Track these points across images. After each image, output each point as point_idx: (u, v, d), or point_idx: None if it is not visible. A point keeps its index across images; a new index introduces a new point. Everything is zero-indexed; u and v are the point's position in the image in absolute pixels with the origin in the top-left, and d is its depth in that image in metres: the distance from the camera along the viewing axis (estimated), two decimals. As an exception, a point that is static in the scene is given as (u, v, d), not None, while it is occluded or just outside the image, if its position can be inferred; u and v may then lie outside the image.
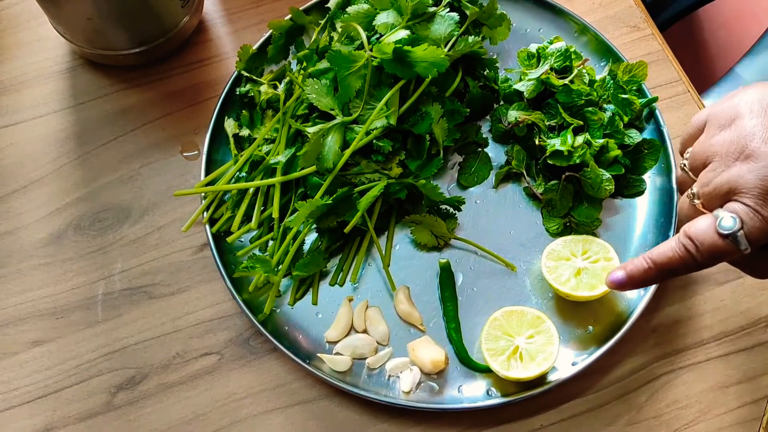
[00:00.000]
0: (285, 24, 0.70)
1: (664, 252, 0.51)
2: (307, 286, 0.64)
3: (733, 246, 0.48)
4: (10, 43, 0.75)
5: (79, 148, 0.70)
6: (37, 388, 0.62)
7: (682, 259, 0.50)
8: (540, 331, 0.59)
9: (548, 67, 0.66)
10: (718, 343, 0.63)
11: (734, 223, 0.47)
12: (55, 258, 0.66)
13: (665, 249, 0.51)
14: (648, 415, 0.60)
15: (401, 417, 0.60)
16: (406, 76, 0.61)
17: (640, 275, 0.52)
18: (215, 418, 0.61)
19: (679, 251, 0.50)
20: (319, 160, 0.61)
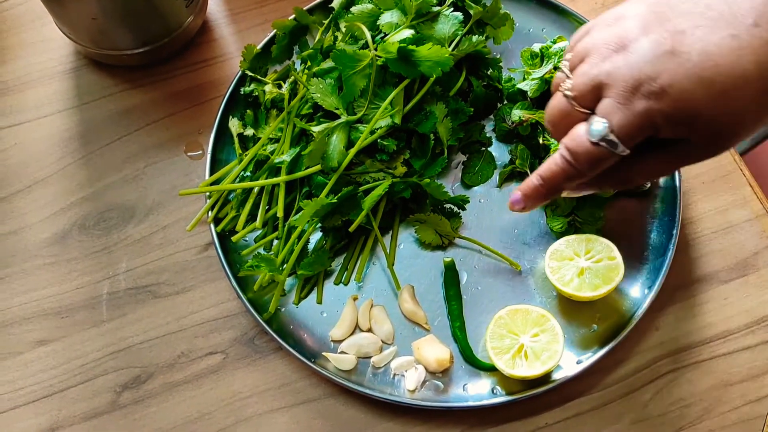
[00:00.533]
0: (289, 24, 0.70)
1: (548, 166, 0.50)
2: (312, 285, 0.64)
3: (608, 149, 0.47)
4: (14, 43, 0.75)
5: (83, 148, 0.71)
6: (42, 387, 0.62)
7: (564, 171, 0.49)
8: (545, 330, 0.59)
9: (552, 66, 0.66)
10: (722, 341, 0.63)
11: (603, 127, 0.46)
12: (60, 258, 0.66)
13: (549, 163, 0.50)
14: (652, 413, 0.61)
15: (406, 415, 0.60)
16: (411, 75, 0.61)
17: (533, 191, 0.52)
18: (220, 417, 0.61)
19: (560, 163, 0.49)
20: (324, 159, 0.61)
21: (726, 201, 0.68)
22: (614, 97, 0.46)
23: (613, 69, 0.46)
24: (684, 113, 0.45)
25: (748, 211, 0.67)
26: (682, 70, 0.44)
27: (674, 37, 0.45)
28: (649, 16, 0.46)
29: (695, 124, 0.45)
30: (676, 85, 0.44)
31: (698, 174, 0.69)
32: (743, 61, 0.44)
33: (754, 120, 0.46)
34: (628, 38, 0.46)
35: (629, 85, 0.45)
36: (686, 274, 0.65)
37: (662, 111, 0.45)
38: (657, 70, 0.45)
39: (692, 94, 0.44)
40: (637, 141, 0.47)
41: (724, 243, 0.66)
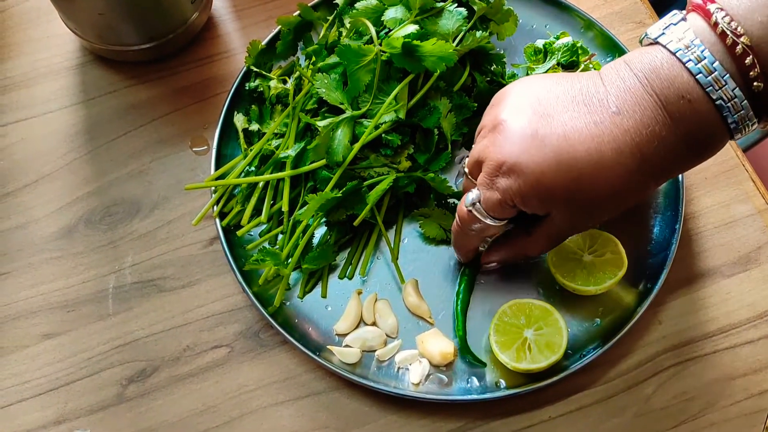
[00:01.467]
0: (293, 20, 0.70)
1: (453, 226, 0.58)
2: (317, 279, 0.65)
3: (478, 217, 0.52)
4: (20, 39, 0.76)
5: (89, 143, 0.71)
6: (49, 380, 0.62)
7: (456, 232, 0.58)
8: (548, 324, 0.60)
9: (555, 62, 0.67)
10: (724, 335, 0.63)
11: (473, 197, 0.52)
12: (66, 252, 0.67)
13: (453, 225, 0.58)
14: (655, 406, 0.61)
15: (410, 408, 0.61)
16: (415, 70, 0.61)
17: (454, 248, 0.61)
18: (225, 409, 0.61)
19: (454, 225, 0.58)
20: (329, 153, 0.61)
21: (728, 196, 0.68)
22: (484, 172, 0.51)
23: (485, 147, 0.51)
24: (540, 194, 0.49)
25: (750, 206, 0.67)
26: (539, 153, 0.48)
27: (540, 121, 0.49)
28: (526, 99, 0.50)
29: (553, 203, 0.49)
30: (533, 167, 0.48)
31: (701, 169, 0.69)
32: (602, 148, 0.47)
33: (617, 201, 0.50)
34: (500, 119, 0.50)
35: (494, 164, 0.50)
36: (689, 268, 0.65)
37: (520, 190, 0.49)
38: (517, 151, 0.48)
39: (548, 176, 0.48)
40: (506, 214, 0.52)
41: (727, 238, 0.67)
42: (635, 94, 0.47)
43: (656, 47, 0.47)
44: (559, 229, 0.53)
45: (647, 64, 0.47)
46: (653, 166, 0.48)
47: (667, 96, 0.46)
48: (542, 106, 0.49)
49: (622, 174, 0.47)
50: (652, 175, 0.49)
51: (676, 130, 0.47)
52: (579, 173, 0.47)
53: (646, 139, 0.47)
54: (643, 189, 0.50)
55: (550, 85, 0.50)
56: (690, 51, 0.45)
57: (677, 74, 0.46)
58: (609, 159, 0.47)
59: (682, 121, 0.46)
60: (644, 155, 0.47)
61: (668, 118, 0.46)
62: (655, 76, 0.46)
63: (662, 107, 0.46)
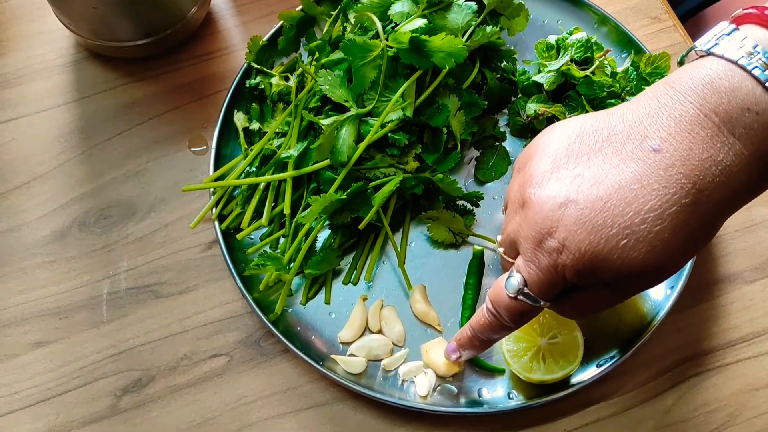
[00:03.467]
0: (296, 15, 0.68)
1: (478, 319, 0.51)
2: (320, 285, 0.62)
3: (526, 303, 0.46)
4: (12, 35, 0.73)
5: (83, 143, 0.68)
6: (40, 391, 0.60)
7: (491, 324, 0.50)
8: (563, 332, 0.57)
9: (569, 59, 0.64)
10: (747, 344, 0.60)
11: (517, 283, 0.46)
12: (59, 256, 0.64)
13: (479, 315, 0.51)
14: (676, 419, 0.58)
15: (418, 421, 0.58)
16: (423, 66, 0.58)
17: (467, 342, 0.53)
18: (224, 422, 0.58)
19: (486, 315, 0.50)
20: (333, 153, 0.59)
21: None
22: (523, 254, 0.45)
23: (518, 227, 0.46)
24: (587, 264, 0.42)
25: (773, 208, 0.65)
26: (572, 220, 0.42)
27: (570, 182, 0.43)
28: (552, 156, 0.44)
29: (602, 271, 0.43)
30: (572, 237, 0.42)
31: (721, 170, 0.66)
32: (645, 199, 0.41)
33: (679, 251, 0.42)
34: (527, 193, 0.45)
35: (532, 243, 0.44)
36: (709, 274, 0.63)
37: (566, 265, 0.43)
38: (552, 225, 0.43)
39: (587, 242, 0.42)
40: (555, 292, 0.45)
41: (748, 242, 0.64)
42: (683, 118, 0.40)
43: (709, 59, 0.41)
44: (617, 295, 0.46)
45: (699, 80, 0.41)
46: (714, 202, 0.41)
47: (728, 111, 0.40)
48: (570, 163, 0.43)
49: (676, 224, 0.40)
50: (715, 214, 0.41)
51: (743, 150, 0.40)
52: (623, 235, 0.41)
53: (701, 171, 0.40)
54: (708, 230, 0.42)
55: (577, 132, 0.44)
56: (754, 58, 0.40)
57: (739, 85, 0.40)
58: (656, 211, 0.40)
59: (751, 139, 0.40)
60: (701, 191, 0.40)
61: (731, 136, 0.40)
62: (710, 90, 0.40)
63: (722, 126, 0.40)
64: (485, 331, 0.51)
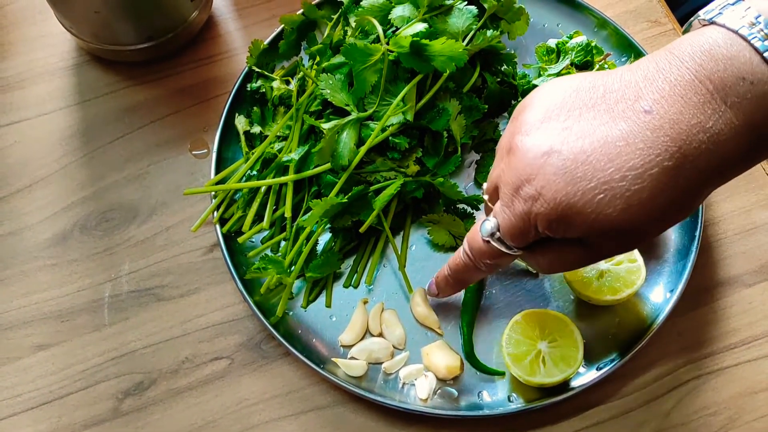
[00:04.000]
0: (297, 19, 0.68)
1: (454, 259, 0.53)
2: (321, 288, 0.62)
3: (498, 248, 0.47)
4: (14, 39, 0.73)
5: (85, 146, 0.69)
6: (42, 393, 0.60)
7: (466, 265, 0.52)
8: (563, 335, 0.57)
9: (569, 62, 0.64)
10: (746, 347, 0.61)
11: (491, 227, 0.47)
12: (61, 259, 0.64)
13: (455, 256, 0.53)
14: (675, 422, 0.58)
15: (419, 423, 0.58)
16: (424, 70, 0.59)
17: (442, 281, 0.56)
18: (226, 424, 0.59)
19: (463, 258, 0.52)
20: (334, 157, 0.59)
21: (749, 201, 0.66)
22: (501, 199, 0.46)
23: (501, 172, 0.46)
24: (560, 215, 0.42)
25: (772, 212, 0.65)
26: (555, 172, 0.42)
27: (557, 134, 0.43)
28: (544, 109, 0.44)
29: (575, 224, 0.42)
30: (550, 186, 0.42)
31: (720, 174, 0.66)
32: (628, 157, 0.40)
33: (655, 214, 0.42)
34: (514, 139, 0.45)
35: (510, 189, 0.45)
36: (709, 277, 0.63)
37: (540, 213, 0.43)
38: (533, 172, 0.43)
39: (563, 192, 0.42)
40: (527, 241, 0.46)
41: (748, 245, 0.64)
42: (678, 82, 0.40)
43: (710, 28, 0.41)
44: (593, 251, 0.46)
45: (698, 47, 0.40)
46: (700, 169, 0.40)
47: (723, 79, 0.39)
48: (561, 115, 0.43)
49: (656, 186, 0.40)
50: (699, 181, 0.41)
51: (734, 119, 0.39)
52: (600, 190, 0.41)
53: (688, 136, 0.40)
54: (690, 198, 0.42)
55: (574, 88, 0.44)
56: (755, 28, 0.39)
57: (737, 54, 0.39)
58: (637, 170, 0.40)
59: (743, 109, 0.39)
60: (686, 156, 0.40)
61: (723, 104, 0.39)
62: (707, 57, 0.40)
63: (715, 94, 0.39)
64: (460, 272, 0.53)
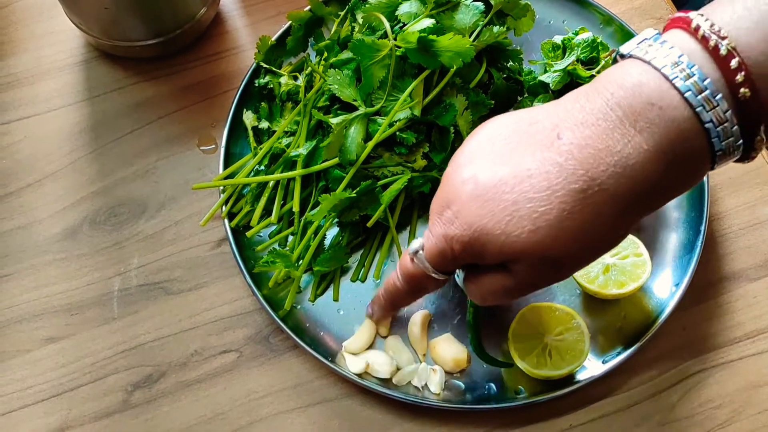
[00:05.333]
0: (304, 15, 0.68)
1: (387, 281, 0.53)
2: (328, 282, 0.63)
3: (421, 269, 0.48)
4: (23, 35, 0.74)
5: (94, 141, 0.69)
6: (52, 386, 0.60)
7: (396, 287, 0.52)
8: (569, 328, 0.58)
9: (575, 58, 0.65)
10: (751, 341, 0.61)
11: (417, 245, 0.48)
12: (70, 253, 0.65)
13: (388, 279, 0.53)
14: (680, 415, 0.59)
15: (426, 416, 0.58)
16: (431, 65, 0.59)
17: (376, 303, 0.56)
18: (234, 417, 0.59)
19: (392, 279, 0.52)
20: (342, 152, 0.59)
21: (754, 196, 0.66)
22: (430, 221, 0.47)
23: (434, 199, 0.48)
24: (473, 238, 0.43)
25: (776, 207, 0.65)
26: (468, 195, 0.44)
27: (480, 164, 0.44)
28: (473, 146, 0.46)
29: (487, 248, 0.43)
30: (464, 209, 0.44)
31: (725, 169, 0.67)
32: (533, 181, 0.41)
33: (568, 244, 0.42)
34: (448, 170, 0.47)
35: (435, 213, 0.46)
36: (714, 271, 0.63)
37: (455, 236, 0.44)
38: (453, 198, 0.45)
39: (477, 215, 0.43)
40: (445, 265, 0.47)
41: (752, 240, 0.64)
42: (591, 111, 0.41)
43: (627, 61, 0.42)
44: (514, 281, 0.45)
45: (612, 77, 0.41)
46: (609, 193, 0.40)
47: (632, 105, 0.40)
48: (489, 148, 0.44)
49: (563, 209, 0.40)
50: (613, 207, 0.41)
51: (643, 143, 0.40)
52: (509, 212, 0.42)
53: (595, 159, 0.40)
54: (605, 224, 0.41)
55: (509, 122, 0.45)
56: (659, 53, 0.40)
57: (645, 81, 0.40)
58: (544, 191, 0.41)
59: (652, 133, 0.40)
60: (593, 179, 0.40)
61: (632, 129, 0.40)
62: (618, 86, 0.41)
63: (624, 119, 0.40)
64: (391, 294, 0.53)
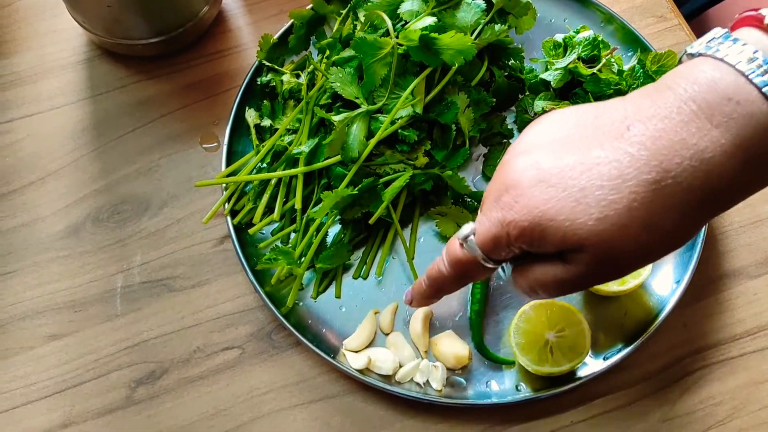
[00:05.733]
0: (306, 14, 0.69)
1: (432, 267, 0.51)
2: (330, 279, 0.63)
3: (470, 255, 0.46)
4: (26, 33, 0.74)
5: (96, 139, 0.69)
6: (55, 382, 0.61)
7: (441, 273, 0.49)
8: (571, 325, 0.58)
9: (576, 56, 0.65)
10: (752, 338, 0.61)
11: (468, 230, 0.46)
12: (73, 250, 0.65)
13: (433, 264, 0.50)
14: (681, 411, 0.59)
15: (428, 412, 0.59)
16: (433, 63, 0.59)
17: (418, 290, 0.53)
18: (237, 413, 0.59)
19: (437, 265, 0.50)
20: (344, 149, 0.60)
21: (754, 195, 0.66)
22: (482, 207, 0.46)
23: (489, 186, 0.46)
24: (533, 223, 0.42)
25: (777, 204, 0.66)
26: (531, 180, 0.42)
27: (544, 155, 0.43)
28: (532, 139, 0.45)
29: (548, 234, 0.42)
30: (525, 194, 0.42)
31: (726, 167, 0.67)
32: (602, 170, 0.40)
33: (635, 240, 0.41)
34: (507, 156, 0.45)
35: (491, 198, 0.45)
36: (714, 269, 0.64)
37: (514, 221, 0.42)
38: (513, 183, 0.43)
39: (541, 200, 0.41)
40: (499, 252, 0.45)
41: (753, 237, 0.65)
42: (663, 105, 0.40)
43: (697, 59, 0.41)
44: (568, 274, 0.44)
45: (685, 74, 0.41)
46: (684, 187, 0.39)
47: (708, 100, 0.39)
48: (553, 137, 0.44)
49: (634, 199, 0.40)
50: (686, 202, 0.40)
51: (720, 138, 0.39)
52: (575, 198, 0.41)
53: (669, 151, 0.39)
54: (676, 220, 0.40)
55: (573, 115, 0.44)
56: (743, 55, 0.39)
57: (721, 77, 0.39)
58: (615, 180, 0.40)
59: (729, 128, 0.39)
60: (667, 171, 0.39)
61: (708, 123, 0.39)
62: (691, 82, 0.40)
63: (700, 113, 0.39)
64: (434, 280, 0.51)
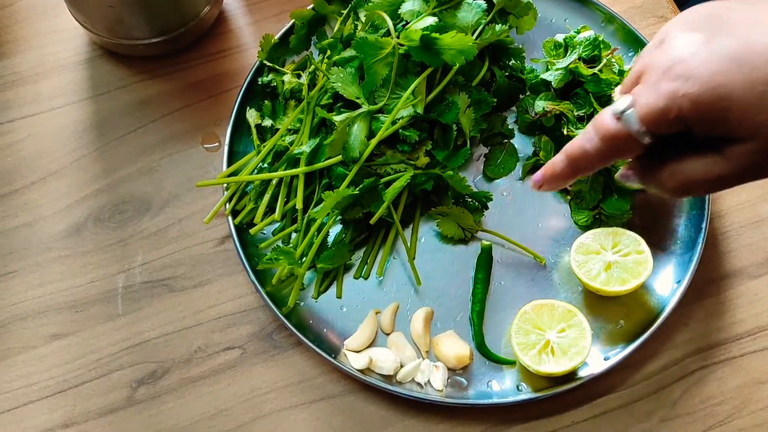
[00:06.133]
0: (307, 14, 0.69)
1: (572, 144, 0.47)
2: (331, 279, 0.63)
3: (625, 129, 0.42)
4: (28, 33, 0.74)
5: (98, 139, 0.69)
6: (57, 382, 0.61)
7: (582, 150, 0.46)
8: (571, 325, 0.58)
9: (576, 57, 0.65)
10: (752, 338, 0.61)
11: (626, 103, 0.42)
12: (75, 250, 0.65)
13: (573, 141, 0.47)
14: (682, 411, 0.59)
15: (429, 412, 0.59)
16: (434, 63, 0.59)
17: (551, 171, 0.49)
18: (238, 413, 0.59)
19: (580, 142, 0.46)
20: (345, 149, 0.60)
21: (755, 194, 0.66)
22: (645, 81, 0.42)
23: (651, 59, 0.43)
24: (713, 97, 0.39)
25: (778, 204, 0.66)
26: (714, 53, 0.39)
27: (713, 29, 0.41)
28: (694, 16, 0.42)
29: (728, 115, 0.39)
30: (708, 66, 0.39)
31: (726, 167, 0.67)
32: None
33: None
34: (668, 35, 0.42)
35: (660, 70, 0.41)
36: (715, 269, 0.64)
37: (688, 94, 0.39)
38: (690, 53, 0.40)
39: (725, 75, 0.38)
40: (662, 129, 0.41)
41: (754, 237, 0.65)
42: None
43: None
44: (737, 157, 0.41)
45: None
46: None
47: None
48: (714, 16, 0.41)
49: None
50: None
51: None
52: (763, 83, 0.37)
53: None
54: None
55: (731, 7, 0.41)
56: None
57: None
58: None
59: None
60: None
61: None
62: None
63: None
64: (575, 156, 0.47)
